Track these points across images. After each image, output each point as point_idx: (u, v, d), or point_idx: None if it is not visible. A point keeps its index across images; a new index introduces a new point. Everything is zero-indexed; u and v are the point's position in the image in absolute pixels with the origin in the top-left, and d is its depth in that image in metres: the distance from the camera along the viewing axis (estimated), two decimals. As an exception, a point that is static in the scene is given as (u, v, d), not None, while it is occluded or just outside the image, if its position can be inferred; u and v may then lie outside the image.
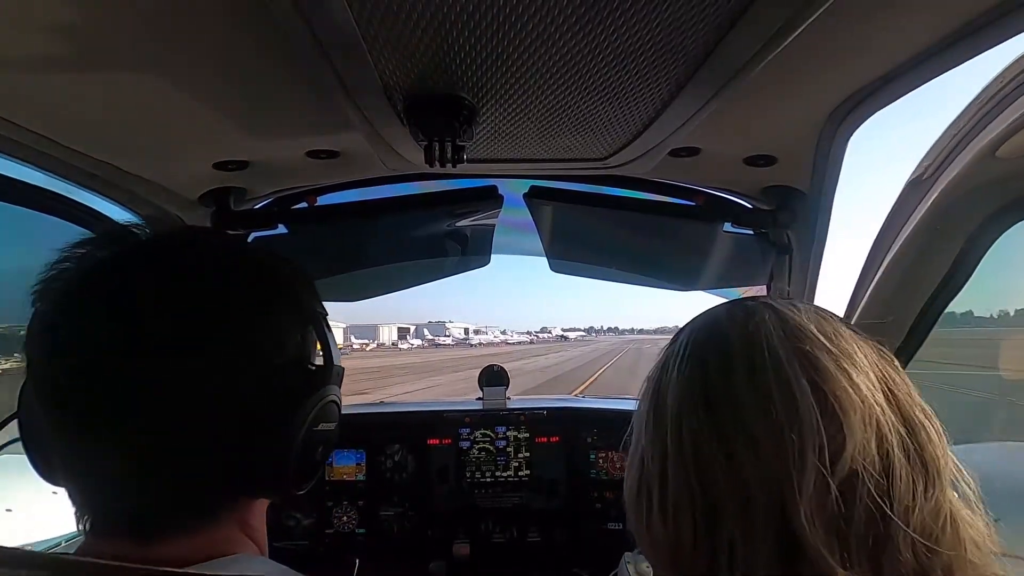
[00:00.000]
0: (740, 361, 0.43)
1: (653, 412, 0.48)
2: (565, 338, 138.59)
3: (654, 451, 0.46)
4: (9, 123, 0.84)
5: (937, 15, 0.66)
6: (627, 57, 0.64)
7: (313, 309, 0.54)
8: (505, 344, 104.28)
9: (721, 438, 0.41)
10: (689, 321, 0.52)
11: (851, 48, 0.73)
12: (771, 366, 0.42)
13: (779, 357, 0.42)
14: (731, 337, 0.45)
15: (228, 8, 0.63)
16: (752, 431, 0.40)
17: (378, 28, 0.58)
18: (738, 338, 0.45)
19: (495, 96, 0.77)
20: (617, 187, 1.38)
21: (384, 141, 0.96)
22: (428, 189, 1.42)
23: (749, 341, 0.44)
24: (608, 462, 1.82)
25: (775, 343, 0.43)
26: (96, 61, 0.72)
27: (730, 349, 0.44)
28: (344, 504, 1.78)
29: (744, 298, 0.52)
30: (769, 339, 0.43)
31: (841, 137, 0.96)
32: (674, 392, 0.46)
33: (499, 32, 0.60)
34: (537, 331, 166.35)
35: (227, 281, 0.49)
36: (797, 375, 0.41)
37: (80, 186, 1.12)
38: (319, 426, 0.52)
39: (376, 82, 0.71)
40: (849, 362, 0.42)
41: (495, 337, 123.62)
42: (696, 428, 0.43)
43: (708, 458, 0.41)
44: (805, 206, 1.22)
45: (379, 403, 2.24)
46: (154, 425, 0.43)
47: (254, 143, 1.07)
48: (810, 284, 1.33)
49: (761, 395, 0.41)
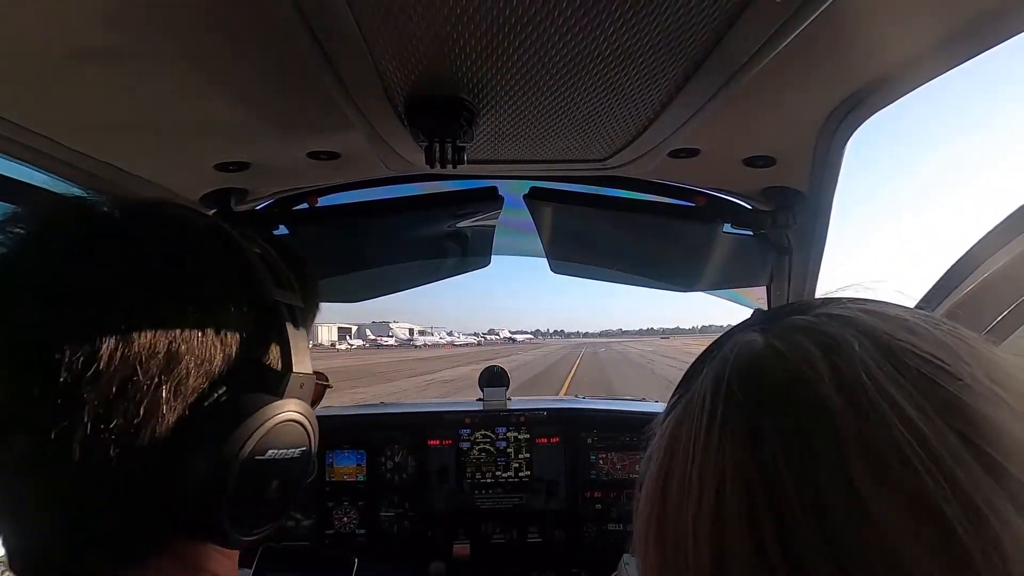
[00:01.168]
0: (854, 446, 0.23)
1: (666, 537, 0.28)
2: (513, 340, 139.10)
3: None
4: (11, 124, 0.85)
5: (935, 16, 0.66)
6: (626, 58, 0.65)
7: (274, 300, 0.44)
8: (452, 346, 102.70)
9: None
10: (708, 357, 0.33)
11: (850, 49, 0.73)
12: (917, 453, 0.22)
13: (922, 433, 0.23)
14: (826, 398, 0.25)
15: (230, 9, 0.63)
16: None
17: (379, 30, 0.59)
18: (838, 399, 0.24)
19: (495, 97, 0.77)
20: (617, 188, 1.38)
21: (385, 142, 0.96)
22: (428, 190, 1.43)
23: (855, 403, 0.24)
24: (608, 463, 1.83)
25: (902, 403, 0.24)
26: (98, 62, 0.72)
27: (831, 422, 0.24)
28: (344, 505, 1.78)
29: (792, 310, 0.34)
30: (886, 394, 0.24)
31: (840, 138, 0.96)
32: (718, 501, 0.25)
33: (500, 34, 0.60)
34: (485, 333, 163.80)
35: (126, 257, 0.38)
36: (966, 464, 0.22)
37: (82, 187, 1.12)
38: (267, 453, 0.41)
39: (377, 83, 0.71)
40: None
41: (440, 339, 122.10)
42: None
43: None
44: (805, 207, 1.22)
45: (380, 403, 2.25)
46: (43, 459, 0.35)
47: (255, 144, 1.08)
48: (810, 285, 1.34)
49: (920, 510, 0.22)
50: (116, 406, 0.35)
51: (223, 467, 0.39)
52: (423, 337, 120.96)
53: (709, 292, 1.77)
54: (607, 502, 1.79)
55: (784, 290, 1.40)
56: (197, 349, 0.39)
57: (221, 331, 0.40)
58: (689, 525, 0.26)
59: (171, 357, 0.37)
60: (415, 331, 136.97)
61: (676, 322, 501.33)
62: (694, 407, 0.29)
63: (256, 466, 0.41)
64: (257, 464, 0.41)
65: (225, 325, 0.40)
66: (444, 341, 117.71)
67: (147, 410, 0.36)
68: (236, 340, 0.41)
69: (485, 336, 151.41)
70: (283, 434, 0.43)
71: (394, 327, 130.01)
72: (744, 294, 1.64)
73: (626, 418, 1.91)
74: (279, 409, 0.42)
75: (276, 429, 0.42)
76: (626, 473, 1.81)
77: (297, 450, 0.45)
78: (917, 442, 0.23)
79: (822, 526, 0.22)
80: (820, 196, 1.15)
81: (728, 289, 1.70)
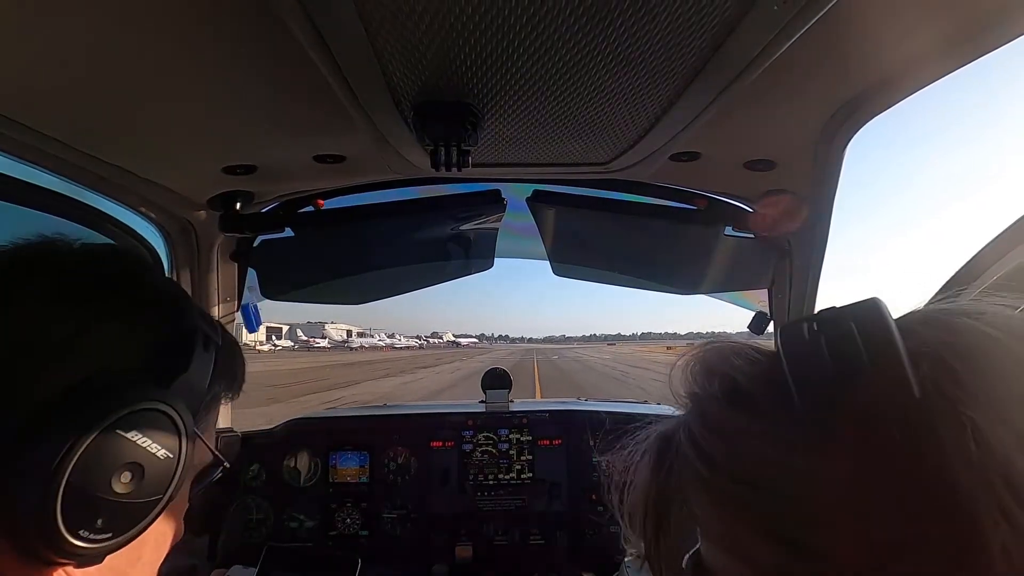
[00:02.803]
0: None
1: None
2: (457, 344, 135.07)
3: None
4: (22, 126, 0.86)
5: (933, 21, 0.67)
6: (627, 64, 0.66)
7: (194, 325, 0.48)
8: (392, 349, 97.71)
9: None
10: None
11: (847, 54, 0.74)
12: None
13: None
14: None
15: (239, 15, 0.64)
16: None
17: (387, 37, 0.60)
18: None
19: (500, 102, 0.79)
20: (619, 192, 1.39)
21: (391, 146, 0.98)
22: (432, 193, 1.44)
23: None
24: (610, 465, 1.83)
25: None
26: (109, 66, 0.73)
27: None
28: (347, 506, 1.78)
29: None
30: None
31: (840, 142, 0.97)
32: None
33: (504, 41, 0.61)
34: (428, 336, 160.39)
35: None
36: None
37: (92, 189, 1.14)
38: (129, 433, 0.40)
39: (385, 89, 0.73)
40: None
41: (379, 341, 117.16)
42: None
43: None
44: (805, 210, 1.23)
45: (384, 405, 2.25)
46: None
47: (263, 148, 1.09)
48: (811, 288, 1.34)
49: None
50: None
51: (64, 437, 0.38)
52: (360, 339, 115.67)
53: (711, 295, 1.78)
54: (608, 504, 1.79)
55: (785, 293, 1.41)
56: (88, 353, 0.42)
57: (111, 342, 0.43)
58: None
59: (62, 351, 0.40)
60: (353, 333, 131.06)
61: (618, 329, 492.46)
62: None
63: (106, 443, 0.39)
64: (107, 441, 0.39)
65: (114, 337, 0.43)
66: (383, 344, 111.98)
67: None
68: (131, 351, 0.44)
69: (428, 339, 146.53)
70: (150, 423, 0.42)
71: (329, 328, 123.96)
72: (745, 297, 1.64)
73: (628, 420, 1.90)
74: (151, 395, 0.43)
75: (142, 414, 0.42)
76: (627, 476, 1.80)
77: (162, 451, 0.43)
78: None
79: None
80: (820, 199, 1.16)
81: (730, 292, 1.71)
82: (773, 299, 1.50)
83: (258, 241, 1.53)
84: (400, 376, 27.78)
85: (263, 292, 1.66)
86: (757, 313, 1.57)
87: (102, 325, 0.42)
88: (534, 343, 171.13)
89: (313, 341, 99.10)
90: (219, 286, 1.55)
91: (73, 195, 1.13)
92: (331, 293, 1.82)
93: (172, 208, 1.32)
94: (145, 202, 1.27)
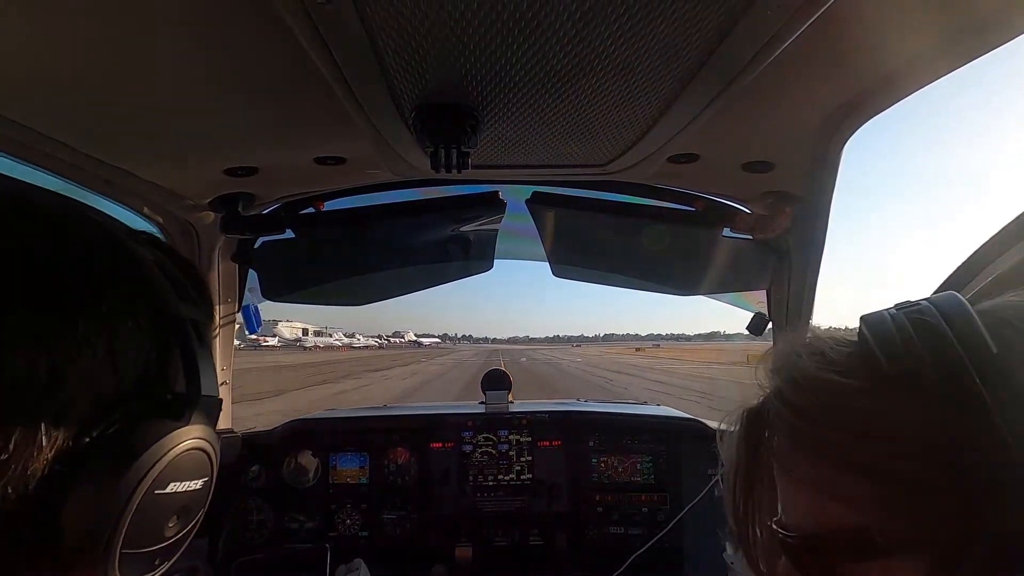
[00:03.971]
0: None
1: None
2: (419, 344, 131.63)
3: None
4: (26, 128, 0.87)
5: (929, 22, 0.67)
6: (624, 67, 0.67)
7: (178, 315, 0.39)
8: (349, 348, 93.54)
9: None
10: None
11: (843, 56, 0.75)
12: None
13: None
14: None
15: (242, 18, 0.65)
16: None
17: (389, 41, 0.61)
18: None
19: (499, 104, 0.80)
20: (618, 193, 1.40)
21: (392, 148, 0.99)
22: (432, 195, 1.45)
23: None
24: (609, 467, 1.83)
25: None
26: (112, 69, 0.74)
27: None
28: (347, 507, 1.79)
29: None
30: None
31: (836, 143, 0.98)
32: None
33: (503, 44, 0.62)
34: (389, 335, 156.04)
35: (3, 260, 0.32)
36: None
37: (93, 191, 1.15)
38: (168, 487, 0.36)
39: (386, 92, 0.73)
40: None
41: (337, 340, 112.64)
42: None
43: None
44: (803, 211, 1.24)
45: (383, 406, 2.26)
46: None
47: (264, 150, 1.10)
48: (808, 288, 1.35)
49: None
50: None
51: (115, 507, 0.33)
52: (316, 338, 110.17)
53: (710, 296, 1.79)
54: (608, 505, 1.80)
55: (784, 293, 1.42)
56: (85, 370, 0.33)
57: (117, 350, 0.34)
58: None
59: (53, 380, 0.31)
60: (310, 331, 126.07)
61: (580, 331, 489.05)
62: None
63: (154, 503, 0.35)
64: (155, 501, 0.35)
65: (122, 343, 0.35)
66: (340, 343, 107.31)
67: (18, 443, 0.30)
68: (134, 360, 0.36)
69: (389, 339, 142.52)
70: (186, 465, 0.37)
71: (282, 327, 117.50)
72: (744, 298, 1.65)
73: (627, 422, 1.91)
74: (183, 437, 0.37)
75: (179, 460, 0.36)
76: (627, 476, 1.82)
77: (200, 481, 0.39)
78: None
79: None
80: (818, 200, 1.17)
81: (729, 292, 1.71)
82: (772, 300, 1.51)
83: (259, 242, 1.54)
84: (342, 382, 22.76)
85: (264, 293, 1.66)
86: (756, 314, 1.57)
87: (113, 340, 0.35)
88: (498, 344, 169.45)
89: (263, 340, 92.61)
90: (220, 287, 1.56)
91: (75, 196, 1.14)
92: (331, 294, 1.82)
93: (173, 209, 1.33)
94: (147, 203, 1.28)
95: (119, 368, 0.34)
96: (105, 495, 0.33)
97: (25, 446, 0.30)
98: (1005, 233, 0.89)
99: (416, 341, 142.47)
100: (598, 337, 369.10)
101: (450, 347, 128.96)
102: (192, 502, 0.39)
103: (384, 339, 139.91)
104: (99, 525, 0.32)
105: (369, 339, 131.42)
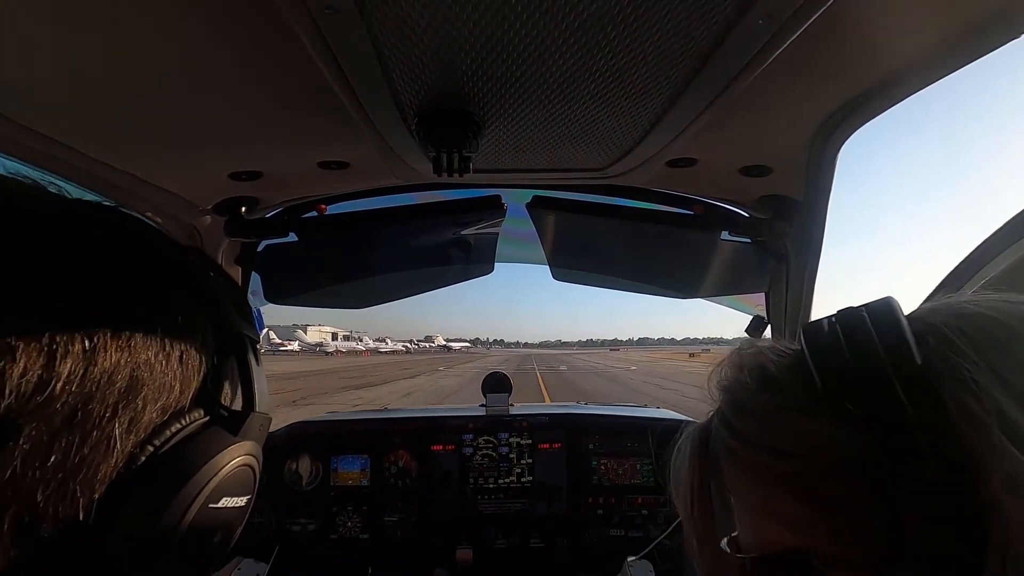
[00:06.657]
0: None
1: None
2: (448, 349, 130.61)
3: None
4: (31, 132, 0.88)
5: (925, 27, 0.68)
6: (621, 73, 0.69)
7: (237, 331, 0.40)
8: (372, 353, 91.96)
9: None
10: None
11: (840, 60, 0.76)
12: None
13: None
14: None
15: (247, 23, 0.66)
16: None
17: (393, 47, 0.62)
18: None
19: (500, 109, 0.81)
20: (618, 197, 1.41)
21: (394, 152, 1.00)
22: (434, 199, 1.47)
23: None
24: (610, 469, 1.84)
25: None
26: (117, 72, 0.75)
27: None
28: (348, 509, 1.79)
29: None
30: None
31: (833, 147, 0.99)
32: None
33: (504, 51, 0.64)
34: (420, 340, 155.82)
35: (92, 262, 0.32)
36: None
37: (98, 194, 1.16)
38: (221, 501, 0.36)
39: (389, 98, 0.75)
40: None
41: (360, 345, 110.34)
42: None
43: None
44: (801, 215, 1.25)
45: (384, 409, 2.26)
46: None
47: (269, 154, 1.12)
48: (807, 291, 1.36)
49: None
50: (59, 439, 0.29)
51: (173, 517, 0.33)
52: (340, 343, 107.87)
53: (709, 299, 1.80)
54: (609, 507, 1.80)
55: (782, 297, 1.43)
56: (159, 378, 0.33)
57: (185, 360, 0.35)
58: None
59: (132, 385, 0.31)
60: (339, 336, 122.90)
61: (614, 334, 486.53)
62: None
63: (206, 517, 0.35)
64: (208, 514, 0.35)
65: (190, 354, 0.35)
66: (363, 348, 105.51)
67: (94, 446, 0.30)
68: (199, 372, 0.36)
69: (419, 343, 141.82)
70: (236, 480, 0.37)
71: (310, 331, 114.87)
72: (743, 301, 1.66)
73: (627, 424, 1.92)
74: (238, 452, 0.37)
75: (232, 475, 0.37)
76: (627, 479, 1.82)
77: (244, 498, 0.39)
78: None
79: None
80: (816, 204, 1.18)
81: (727, 296, 1.72)
82: (771, 303, 1.52)
83: (262, 246, 1.55)
84: (329, 396, 18.92)
85: (267, 296, 1.68)
86: (754, 317, 1.58)
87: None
88: (530, 348, 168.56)
89: (286, 344, 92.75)
90: (223, 290, 1.57)
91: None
92: (334, 297, 1.83)
93: (177, 213, 1.34)
94: (151, 207, 1.29)
95: (184, 379, 0.35)
96: (164, 505, 0.33)
97: (99, 450, 0.31)
98: (997, 237, 0.91)
99: (446, 346, 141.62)
100: (632, 341, 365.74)
101: (481, 351, 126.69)
102: (234, 519, 0.39)
103: (413, 344, 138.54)
104: (156, 534, 0.33)
105: (398, 344, 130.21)
